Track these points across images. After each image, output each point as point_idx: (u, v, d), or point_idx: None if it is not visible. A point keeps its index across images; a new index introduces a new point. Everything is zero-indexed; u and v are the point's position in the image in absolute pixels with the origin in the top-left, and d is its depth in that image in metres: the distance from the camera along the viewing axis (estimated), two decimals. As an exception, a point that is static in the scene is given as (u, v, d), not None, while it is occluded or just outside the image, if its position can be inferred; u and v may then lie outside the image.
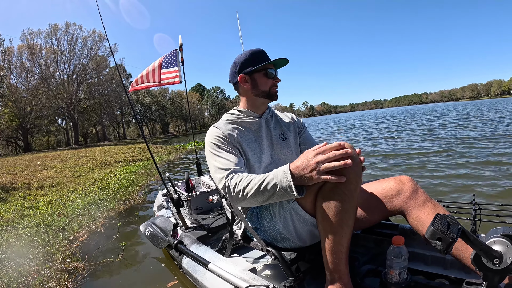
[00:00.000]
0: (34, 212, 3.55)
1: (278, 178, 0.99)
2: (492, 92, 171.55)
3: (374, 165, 5.27)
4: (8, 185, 5.47)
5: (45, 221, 3.09)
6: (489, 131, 8.37)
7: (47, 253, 2.29)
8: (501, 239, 0.81)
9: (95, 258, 2.33)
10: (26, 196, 4.68)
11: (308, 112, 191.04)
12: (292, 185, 0.96)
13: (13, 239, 2.58)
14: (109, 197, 4.33)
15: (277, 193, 1.00)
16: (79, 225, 3.07)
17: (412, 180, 1.18)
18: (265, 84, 1.33)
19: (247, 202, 1.09)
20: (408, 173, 4.37)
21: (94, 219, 3.33)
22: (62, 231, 2.83)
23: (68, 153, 12.53)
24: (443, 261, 1.29)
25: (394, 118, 26.37)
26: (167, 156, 11.25)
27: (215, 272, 1.36)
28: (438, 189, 3.40)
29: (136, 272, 2.11)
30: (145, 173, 6.78)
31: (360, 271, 1.28)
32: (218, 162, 1.18)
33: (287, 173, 0.98)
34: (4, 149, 29.14)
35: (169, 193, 2.10)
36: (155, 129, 59.51)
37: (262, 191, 1.02)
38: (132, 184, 5.31)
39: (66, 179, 6.31)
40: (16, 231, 2.81)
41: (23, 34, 29.27)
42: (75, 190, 5.00)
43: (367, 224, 1.28)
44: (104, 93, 34.58)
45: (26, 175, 6.62)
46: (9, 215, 3.42)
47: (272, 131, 1.41)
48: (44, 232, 2.76)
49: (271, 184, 1.00)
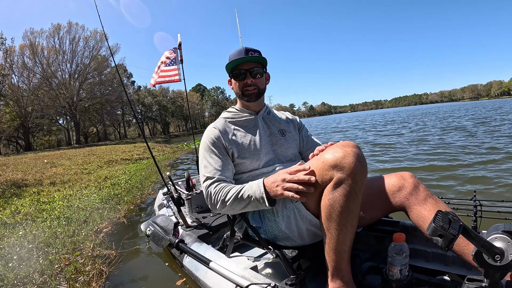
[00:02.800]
0: (52, 207, 3.65)
1: (253, 189, 1.10)
2: (492, 93, 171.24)
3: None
4: (19, 181, 5.60)
5: (66, 214, 3.20)
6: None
7: (73, 243, 2.41)
8: (502, 236, 0.81)
9: (122, 246, 2.46)
10: (39, 192, 4.76)
11: (308, 112, 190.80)
12: (264, 197, 1.07)
13: (37, 231, 2.69)
14: (125, 191, 4.44)
15: (252, 202, 1.11)
16: (101, 217, 3.17)
17: (414, 176, 1.18)
18: (236, 86, 1.37)
19: (226, 210, 1.20)
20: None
21: (115, 211, 3.44)
22: (83, 223, 2.95)
23: (74, 152, 12.69)
24: (444, 257, 1.29)
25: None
26: (172, 154, 11.47)
27: (217, 270, 1.36)
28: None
29: (163, 259, 2.17)
30: (155, 170, 6.87)
31: (361, 268, 1.28)
32: (206, 168, 1.27)
33: (261, 186, 1.09)
34: (5, 148, 29.22)
35: (170, 192, 2.10)
36: (155, 129, 59.65)
37: (239, 199, 1.14)
38: (145, 180, 5.41)
39: (76, 176, 6.41)
40: (36, 224, 2.91)
41: (25, 33, 29.42)
42: (88, 186, 5.10)
43: (369, 221, 1.28)
44: (105, 92, 34.64)
45: (36, 172, 6.74)
46: (26, 210, 3.52)
47: (271, 128, 1.43)
48: (66, 224, 2.87)
49: (246, 194, 1.12)
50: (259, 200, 1.08)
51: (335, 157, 0.97)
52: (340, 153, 0.97)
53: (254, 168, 1.33)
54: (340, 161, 0.96)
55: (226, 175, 1.27)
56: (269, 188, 1.07)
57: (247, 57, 1.30)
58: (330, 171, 0.98)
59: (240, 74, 1.33)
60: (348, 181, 0.95)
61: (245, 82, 1.33)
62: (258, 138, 1.36)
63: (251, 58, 1.31)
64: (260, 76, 1.36)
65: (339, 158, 0.96)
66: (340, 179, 0.96)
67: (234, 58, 1.31)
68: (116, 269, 2.09)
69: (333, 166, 0.97)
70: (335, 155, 0.97)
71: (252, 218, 1.28)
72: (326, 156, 1.00)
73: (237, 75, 1.34)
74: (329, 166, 0.98)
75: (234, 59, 1.30)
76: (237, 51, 1.33)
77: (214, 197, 1.20)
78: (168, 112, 57.42)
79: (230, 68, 1.35)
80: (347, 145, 0.99)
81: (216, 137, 1.32)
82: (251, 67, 1.32)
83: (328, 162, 0.98)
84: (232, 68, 1.34)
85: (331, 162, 0.97)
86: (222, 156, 1.29)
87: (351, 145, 0.99)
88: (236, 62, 1.31)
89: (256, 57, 1.31)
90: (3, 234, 2.63)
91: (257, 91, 1.36)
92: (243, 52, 1.31)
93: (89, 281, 1.85)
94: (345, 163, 0.95)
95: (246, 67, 1.32)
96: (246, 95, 1.35)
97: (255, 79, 1.34)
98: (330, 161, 0.97)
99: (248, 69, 1.32)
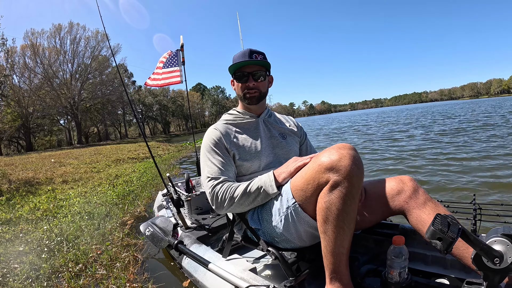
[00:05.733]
0: (69, 203, 3.79)
1: (263, 180, 1.17)
2: (491, 91, 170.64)
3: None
4: (31, 180, 5.76)
5: (87, 210, 3.32)
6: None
7: (100, 235, 2.56)
8: (501, 239, 0.81)
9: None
10: (54, 189, 4.89)
11: (308, 111, 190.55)
12: (274, 183, 1.15)
13: (62, 225, 2.82)
14: (139, 188, 4.55)
15: (261, 193, 1.16)
16: (122, 211, 3.29)
17: (413, 180, 1.18)
18: (238, 88, 1.37)
19: (233, 207, 1.21)
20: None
21: (134, 206, 3.56)
22: (105, 217, 3.07)
23: (79, 151, 12.92)
24: (444, 261, 1.29)
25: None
26: (178, 153, 11.66)
27: (216, 272, 1.36)
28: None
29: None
30: (164, 168, 7.00)
31: (361, 271, 1.27)
32: (209, 168, 1.27)
33: (271, 174, 1.17)
34: (6, 148, 29.27)
35: (169, 193, 2.10)
36: (156, 128, 59.69)
37: (247, 193, 1.17)
38: (156, 177, 5.46)
39: (86, 174, 6.54)
40: (58, 220, 3.04)
41: (26, 34, 29.42)
42: (101, 183, 5.20)
43: (368, 224, 1.27)
44: (106, 92, 34.66)
45: (46, 171, 6.90)
46: (45, 206, 3.65)
47: (272, 131, 1.43)
48: (88, 218, 3.00)
49: (255, 187, 1.17)
50: (268, 189, 1.15)
51: (331, 160, 0.97)
52: (336, 155, 0.97)
53: (254, 170, 1.33)
54: (336, 164, 0.95)
55: (230, 175, 1.27)
56: (278, 176, 1.16)
57: (250, 60, 1.30)
58: (326, 173, 0.97)
59: (243, 76, 1.32)
60: (344, 184, 0.95)
61: (247, 85, 1.33)
62: (259, 140, 1.36)
63: (255, 62, 1.31)
64: (263, 80, 1.36)
65: (335, 160, 0.96)
66: (336, 182, 0.95)
67: (238, 60, 1.31)
68: (149, 257, 2.20)
69: (329, 169, 0.96)
70: (330, 158, 0.97)
71: (251, 220, 1.28)
72: (322, 159, 0.99)
73: (239, 77, 1.33)
74: (325, 168, 0.97)
75: (238, 62, 1.29)
76: (242, 53, 1.33)
77: (222, 196, 1.20)
78: (168, 111, 57.43)
79: (233, 69, 1.34)
80: (343, 147, 0.99)
81: (217, 138, 1.32)
82: (254, 70, 1.32)
83: (324, 164, 0.98)
84: (235, 69, 1.34)
85: (327, 165, 0.97)
86: (225, 156, 1.29)
87: (347, 147, 0.99)
88: (240, 65, 1.30)
89: (259, 61, 1.31)
90: (27, 229, 2.78)
91: (259, 94, 1.36)
92: (247, 54, 1.31)
93: (126, 266, 1.98)
94: (341, 165, 0.95)
95: (249, 70, 1.32)
96: (247, 98, 1.35)
97: (257, 82, 1.34)
98: (326, 163, 0.97)
99: (251, 72, 1.32)
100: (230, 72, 1.37)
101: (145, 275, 1.91)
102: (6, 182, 5.38)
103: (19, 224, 2.97)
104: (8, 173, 6.56)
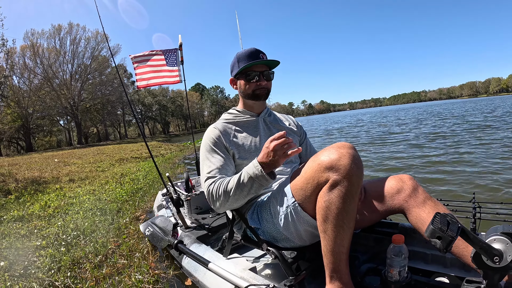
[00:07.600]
0: (79, 200, 3.88)
1: (251, 170, 1.10)
2: (490, 90, 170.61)
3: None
4: (38, 179, 5.87)
5: (98, 206, 3.42)
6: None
7: (116, 229, 2.66)
8: (501, 237, 0.81)
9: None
10: (62, 188, 4.97)
11: (307, 110, 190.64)
12: (264, 173, 1.06)
13: (76, 221, 2.91)
14: (146, 186, 4.64)
15: (255, 182, 1.10)
16: (134, 207, 3.39)
17: (412, 179, 1.17)
18: (248, 87, 1.35)
19: (231, 202, 1.16)
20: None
21: (144, 202, 3.64)
22: (118, 213, 3.19)
23: (82, 151, 13.10)
24: (443, 259, 1.29)
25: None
26: (180, 152, 11.75)
27: (215, 271, 1.36)
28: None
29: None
30: (168, 167, 7.05)
31: (360, 270, 1.27)
32: (208, 167, 1.25)
33: (256, 163, 1.09)
34: (6, 149, 29.24)
35: (169, 193, 2.10)
36: (155, 128, 59.71)
37: (241, 185, 1.12)
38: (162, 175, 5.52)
39: (92, 173, 6.63)
40: (70, 216, 3.13)
41: (26, 34, 29.46)
42: (108, 182, 5.26)
43: (367, 223, 1.27)
44: (106, 93, 34.66)
45: (52, 170, 7.01)
46: (56, 203, 3.75)
47: (272, 130, 1.43)
48: (100, 214, 3.10)
49: (247, 177, 1.10)
50: (260, 178, 1.08)
51: (330, 159, 0.97)
52: (335, 154, 0.96)
53: None
54: (336, 163, 0.95)
55: (228, 174, 1.26)
56: (264, 163, 1.07)
57: (267, 60, 1.31)
58: (325, 172, 0.97)
59: (255, 75, 1.32)
60: (344, 183, 0.95)
61: (259, 84, 1.33)
62: (259, 139, 1.37)
63: (267, 62, 1.32)
64: (272, 79, 1.38)
65: (334, 159, 0.96)
66: (336, 181, 0.95)
67: (247, 59, 1.31)
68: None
69: (328, 168, 0.96)
70: (330, 157, 0.97)
71: (251, 219, 1.28)
72: (321, 158, 0.99)
73: (252, 76, 1.32)
74: (324, 168, 0.97)
75: (257, 61, 1.29)
76: (249, 52, 1.32)
77: (216, 192, 1.17)
78: (168, 111, 57.44)
79: (244, 69, 1.32)
80: (343, 146, 0.99)
81: (216, 137, 1.32)
82: (264, 70, 1.33)
83: (323, 164, 0.98)
84: (244, 70, 1.33)
85: (327, 164, 0.97)
86: (224, 156, 1.29)
87: (346, 146, 0.99)
88: (254, 64, 1.29)
89: (270, 60, 1.32)
90: (41, 225, 2.87)
91: (267, 92, 1.38)
92: (256, 53, 1.32)
93: (145, 256, 2.06)
94: (340, 164, 0.95)
95: (259, 69, 1.33)
96: (257, 95, 1.36)
97: (268, 82, 1.36)
98: (326, 163, 0.97)
99: (262, 72, 1.33)
100: (239, 71, 1.34)
101: (165, 263, 1.96)
102: (13, 182, 5.48)
103: (32, 221, 3.06)
104: (14, 172, 6.66)
